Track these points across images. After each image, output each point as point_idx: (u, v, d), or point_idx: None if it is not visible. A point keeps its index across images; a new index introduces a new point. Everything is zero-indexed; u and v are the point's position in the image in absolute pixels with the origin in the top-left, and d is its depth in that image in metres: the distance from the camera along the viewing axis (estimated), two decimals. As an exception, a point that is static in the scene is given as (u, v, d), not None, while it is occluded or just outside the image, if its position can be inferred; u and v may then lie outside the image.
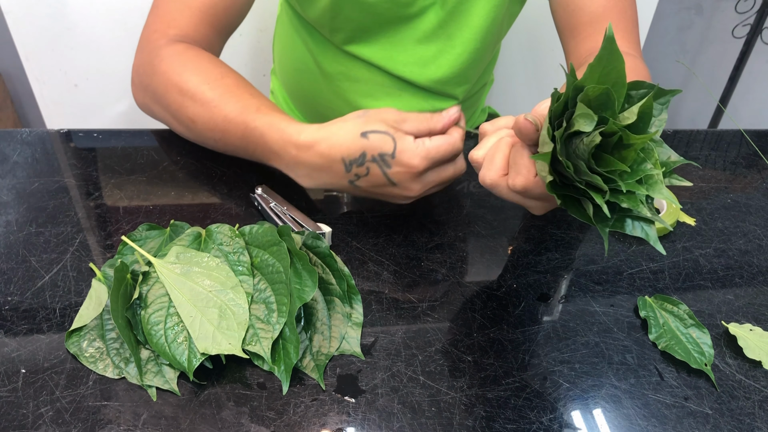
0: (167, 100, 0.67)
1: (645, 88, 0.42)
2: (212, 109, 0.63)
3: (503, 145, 0.49)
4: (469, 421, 0.45)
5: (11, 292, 0.53)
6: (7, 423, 0.43)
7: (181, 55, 0.67)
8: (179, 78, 0.65)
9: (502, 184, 0.49)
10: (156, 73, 0.68)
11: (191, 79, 0.65)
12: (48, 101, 1.24)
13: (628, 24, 0.76)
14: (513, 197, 0.49)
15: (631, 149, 0.40)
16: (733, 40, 1.69)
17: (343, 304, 0.52)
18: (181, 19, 0.70)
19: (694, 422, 0.46)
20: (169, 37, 0.70)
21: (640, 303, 0.55)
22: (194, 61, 0.67)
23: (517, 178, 0.47)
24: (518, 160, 0.47)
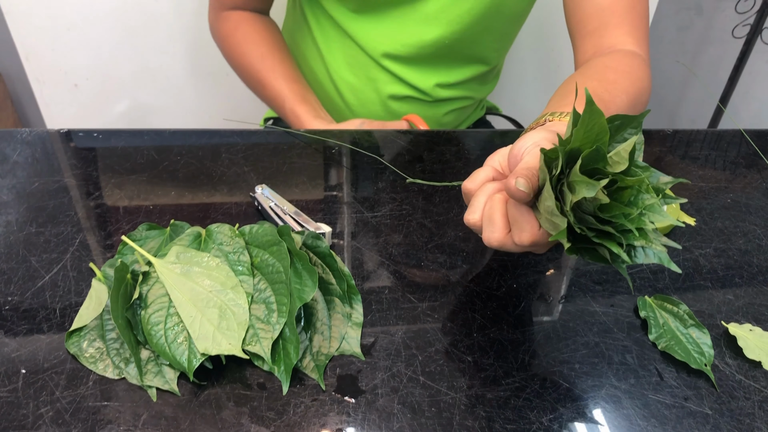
0: (229, 57, 0.94)
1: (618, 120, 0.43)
2: (261, 80, 0.90)
3: (497, 203, 0.48)
4: (469, 421, 0.45)
5: (11, 292, 0.53)
6: (7, 423, 0.43)
7: (243, 21, 0.91)
8: (238, 45, 0.91)
9: (509, 242, 0.47)
10: (220, 31, 0.93)
11: (248, 51, 0.90)
12: (48, 101, 1.24)
13: (636, 19, 0.76)
14: (521, 250, 0.49)
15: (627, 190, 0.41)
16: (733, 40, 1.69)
17: (343, 304, 0.52)
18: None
19: (694, 422, 0.46)
20: (230, 6, 0.92)
21: (640, 303, 0.55)
22: (252, 29, 0.91)
23: (522, 234, 0.45)
24: (519, 218, 0.46)
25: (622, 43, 0.74)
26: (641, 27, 0.76)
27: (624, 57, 0.72)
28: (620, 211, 0.41)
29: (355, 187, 0.67)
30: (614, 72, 0.69)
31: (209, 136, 0.73)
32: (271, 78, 0.88)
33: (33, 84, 1.21)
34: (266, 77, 0.88)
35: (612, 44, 0.75)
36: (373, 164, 0.71)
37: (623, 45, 0.74)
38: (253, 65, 0.89)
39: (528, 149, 0.47)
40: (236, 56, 0.91)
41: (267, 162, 0.70)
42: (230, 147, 0.72)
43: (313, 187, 0.67)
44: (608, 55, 0.73)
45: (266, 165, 0.69)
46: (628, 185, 0.41)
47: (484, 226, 0.48)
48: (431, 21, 0.82)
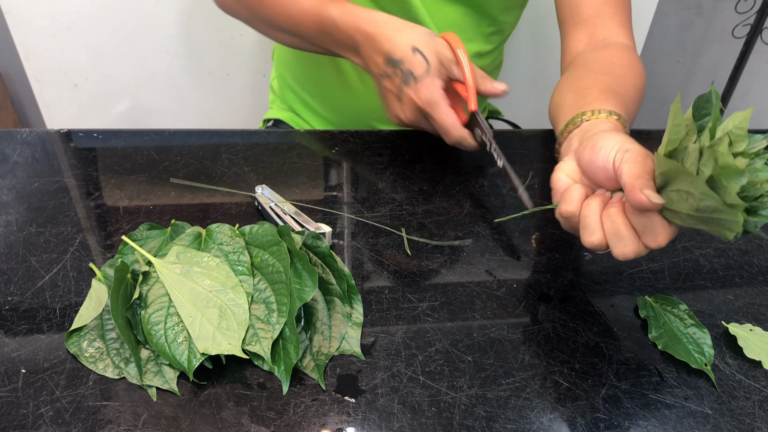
0: (248, 2, 0.77)
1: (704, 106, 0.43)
2: (288, 6, 0.73)
3: (618, 217, 0.47)
4: (469, 421, 0.45)
5: (11, 292, 0.53)
6: (7, 423, 0.43)
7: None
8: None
9: (642, 249, 0.47)
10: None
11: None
12: (48, 101, 1.24)
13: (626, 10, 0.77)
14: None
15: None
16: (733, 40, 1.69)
17: (343, 304, 0.52)
18: None
19: (694, 422, 0.46)
20: None
21: (640, 303, 0.55)
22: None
23: (659, 238, 0.46)
24: (648, 224, 0.46)
25: (616, 35, 0.75)
26: (629, 18, 0.77)
27: (623, 51, 0.72)
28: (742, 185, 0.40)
29: (355, 187, 0.67)
30: (620, 67, 0.69)
31: (209, 136, 0.73)
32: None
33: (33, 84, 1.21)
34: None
35: (606, 35, 0.75)
36: (373, 164, 0.71)
37: (616, 37, 0.75)
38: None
39: (620, 157, 0.47)
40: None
41: (267, 162, 0.70)
42: (230, 147, 0.72)
43: (313, 187, 0.67)
44: (607, 49, 0.73)
45: (266, 165, 0.69)
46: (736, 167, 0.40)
47: (612, 243, 0.48)
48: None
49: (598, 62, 0.70)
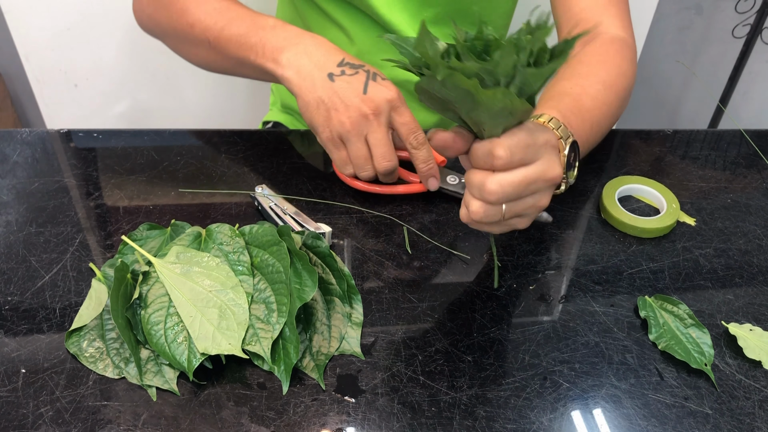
0: (170, 11, 0.71)
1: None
2: (217, 13, 0.67)
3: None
4: (469, 421, 0.45)
5: (11, 292, 0.53)
6: (7, 423, 0.43)
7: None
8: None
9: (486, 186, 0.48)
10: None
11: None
12: (48, 101, 1.24)
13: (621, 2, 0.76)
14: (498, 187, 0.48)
15: (500, 45, 0.41)
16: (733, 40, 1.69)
17: (343, 304, 0.52)
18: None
19: (694, 422, 0.46)
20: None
21: (640, 303, 0.55)
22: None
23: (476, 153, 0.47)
24: (477, 150, 0.47)
25: (607, 25, 0.74)
26: (625, 9, 0.77)
27: (602, 45, 0.72)
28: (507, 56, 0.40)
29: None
30: (587, 65, 0.69)
31: (209, 136, 0.73)
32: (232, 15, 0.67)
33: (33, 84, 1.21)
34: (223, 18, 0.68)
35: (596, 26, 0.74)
36: (373, 164, 0.71)
37: (608, 28, 0.74)
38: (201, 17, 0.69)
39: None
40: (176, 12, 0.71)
41: (267, 162, 0.70)
42: (230, 147, 0.72)
43: (313, 187, 0.67)
44: (586, 47, 0.72)
45: (266, 165, 0.69)
46: (488, 38, 0.42)
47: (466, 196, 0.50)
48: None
49: (567, 67, 0.70)
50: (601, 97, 0.66)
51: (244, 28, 0.65)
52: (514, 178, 0.46)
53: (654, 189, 0.67)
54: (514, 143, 0.45)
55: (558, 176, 0.48)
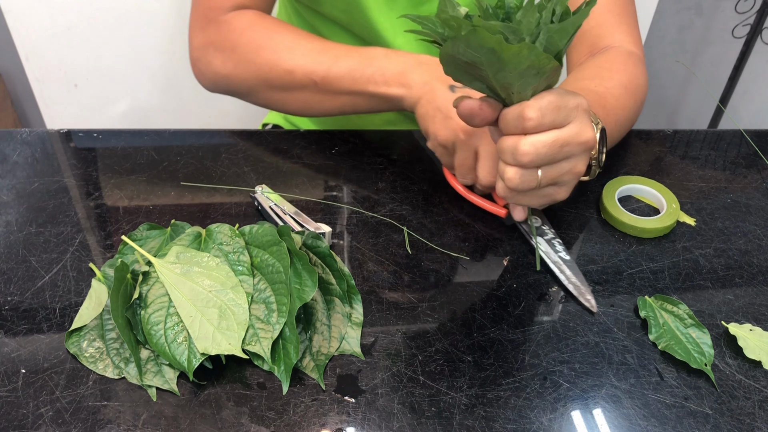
0: (258, 63, 0.69)
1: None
2: (316, 54, 0.67)
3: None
4: (469, 421, 0.45)
5: (11, 292, 0.53)
6: (7, 423, 0.43)
7: (258, 22, 0.70)
8: (270, 39, 0.69)
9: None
10: (239, 43, 0.70)
11: (286, 37, 0.68)
12: (48, 101, 1.24)
13: (630, 19, 0.76)
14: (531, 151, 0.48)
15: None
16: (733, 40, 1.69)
17: (343, 304, 0.52)
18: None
19: (694, 422, 0.46)
20: (230, 8, 0.72)
21: (640, 303, 0.55)
22: (275, 24, 0.71)
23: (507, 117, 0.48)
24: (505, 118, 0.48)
25: (619, 42, 0.74)
26: (634, 26, 0.76)
27: (619, 55, 0.72)
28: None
29: (355, 187, 0.67)
30: (608, 70, 0.69)
31: (209, 136, 0.73)
32: (334, 54, 0.67)
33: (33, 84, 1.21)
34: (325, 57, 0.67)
35: (608, 44, 0.75)
36: (373, 164, 0.71)
37: (620, 44, 0.74)
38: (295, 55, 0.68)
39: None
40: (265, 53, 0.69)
41: (267, 162, 0.70)
42: (230, 147, 0.72)
43: (313, 187, 0.67)
44: (602, 55, 0.73)
45: (266, 165, 0.69)
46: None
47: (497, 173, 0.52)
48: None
49: (587, 69, 0.70)
50: (623, 99, 0.66)
51: (354, 62, 0.65)
52: (547, 139, 0.47)
53: (654, 189, 0.67)
54: (544, 104, 0.46)
55: (591, 139, 0.48)
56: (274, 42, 0.68)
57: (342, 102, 0.68)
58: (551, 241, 0.60)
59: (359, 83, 0.65)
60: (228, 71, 0.72)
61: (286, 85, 0.69)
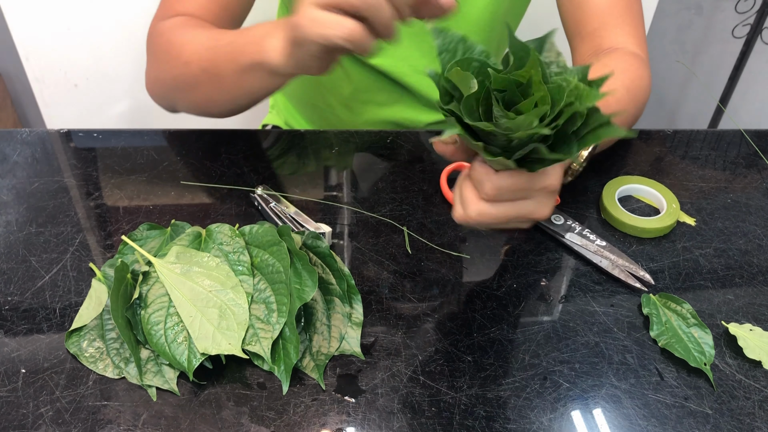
0: (166, 61, 0.66)
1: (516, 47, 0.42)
2: (203, 44, 0.63)
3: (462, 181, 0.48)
4: (469, 421, 0.45)
5: (11, 292, 0.53)
6: (7, 423, 0.43)
7: (181, 22, 0.68)
8: (179, 38, 0.66)
9: (479, 202, 0.47)
10: (156, 47, 0.68)
11: (186, 34, 0.65)
12: (48, 101, 1.24)
13: (634, 21, 0.76)
14: (495, 201, 0.47)
15: (540, 87, 0.40)
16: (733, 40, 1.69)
17: (343, 304, 0.52)
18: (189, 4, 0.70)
19: (694, 422, 0.46)
20: (170, 17, 0.70)
21: (644, 300, 0.55)
22: (193, 24, 0.67)
23: (485, 186, 0.45)
24: (482, 175, 0.46)
25: (623, 44, 0.74)
26: (639, 27, 0.76)
27: (623, 56, 0.72)
28: (535, 108, 0.39)
29: (355, 187, 0.67)
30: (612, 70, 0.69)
31: (209, 136, 0.73)
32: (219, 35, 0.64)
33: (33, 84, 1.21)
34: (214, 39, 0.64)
35: (612, 45, 0.75)
36: (372, 164, 0.71)
37: (624, 46, 0.74)
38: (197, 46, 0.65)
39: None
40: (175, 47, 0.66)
41: (267, 162, 0.70)
42: (230, 147, 0.72)
43: (313, 187, 0.67)
44: (607, 55, 0.73)
45: (266, 165, 0.69)
46: (526, 78, 0.40)
47: (456, 204, 0.49)
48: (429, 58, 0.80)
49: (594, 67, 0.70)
50: (624, 102, 0.66)
51: (230, 39, 0.61)
52: (495, 212, 0.46)
53: (654, 189, 0.67)
54: (504, 185, 0.45)
55: (544, 217, 0.48)
56: (184, 39, 0.66)
57: (231, 84, 0.63)
58: (582, 233, 0.61)
59: (237, 58, 0.60)
60: (155, 74, 0.71)
61: (188, 81, 0.66)
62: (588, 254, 0.59)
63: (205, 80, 0.65)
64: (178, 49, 0.65)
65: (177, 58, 0.66)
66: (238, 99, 0.66)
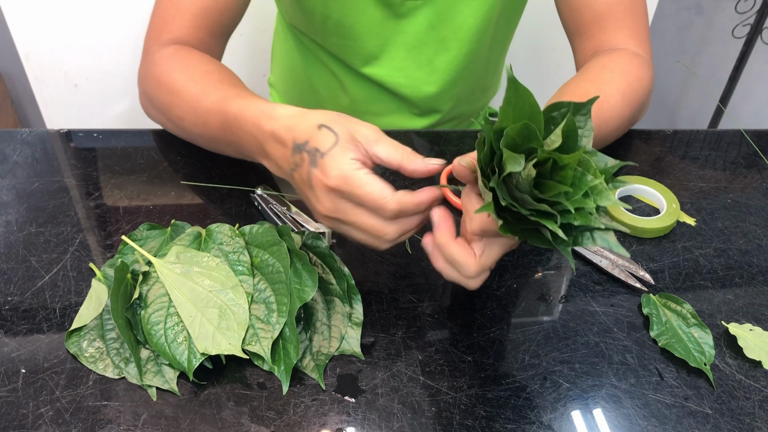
0: (159, 101, 0.67)
1: (564, 107, 0.42)
2: (195, 103, 0.62)
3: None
4: (469, 421, 0.45)
5: (11, 292, 0.53)
6: (7, 423, 0.43)
7: (171, 56, 0.68)
8: (168, 78, 0.66)
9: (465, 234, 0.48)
10: (149, 77, 0.69)
11: (178, 78, 0.65)
12: (48, 101, 1.24)
13: (636, 21, 0.75)
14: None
15: (568, 169, 0.41)
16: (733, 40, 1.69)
17: (343, 304, 0.52)
18: (174, 24, 0.71)
19: (694, 422, 0.46)
20: (162, 42, 0.70)
21: (644, 300, 0.55)
22: (183, 61, 0.67)
23: (472, 223, 0.45)
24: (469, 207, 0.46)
25: (624, 43, 0.74)
26: (641, 28, 0.76)
27: (623, 56, 0.72)
28: (558, 190, 0.40)
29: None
30: (610, 72, 0.69)
31: (209, 136, 0.73)
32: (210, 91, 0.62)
33: (33, 84, 1.21)
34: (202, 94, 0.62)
35: (613, 45, 0.75)
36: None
37: (625, 46, 0.74)
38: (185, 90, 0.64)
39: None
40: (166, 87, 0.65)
41: (267, 162, 0.70)
42: (230, 147, 0.72)
43: (313, 187, 0.67)
44: (607, 55, 0.72)
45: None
46: (565, 162, 0.41)
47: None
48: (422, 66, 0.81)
49: (589, 69, 0.70)
50: (618, 108, 0.66)
51: (235, 110, 0.57)
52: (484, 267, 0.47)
53: (654, 189, 0.67)
54: (487, 265, 0.47)
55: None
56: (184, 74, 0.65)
57: (231, 152, 0.64)
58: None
59: (238, 147, 0.59)
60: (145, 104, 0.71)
61: (185, 136, 0.67)
62: (588, 254, 0.60)
63: (197, 137, 0.66)
64: (170, 98, 0.65)
65: (170, 106, 0.65)
66: (235, 156, 0.66)
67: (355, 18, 0.76)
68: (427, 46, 0.80)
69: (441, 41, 0.79)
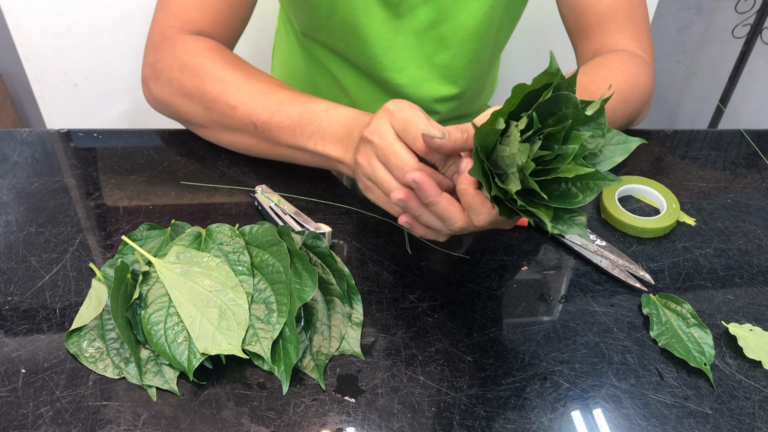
0: (203, 91, 0.65)
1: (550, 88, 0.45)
2: (264, 90, 0.64)
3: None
4: (469, 421, 0.45)
5: (11, 292, 0.53)
6: (7, 423, 0.43)
7: (213, 50, 0.68)
8: (220, 70, 0.66)
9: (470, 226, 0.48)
10: (187, 66, 0.67)
11: (236, 72, 0.66)
12: (48, 101, 1.24)
13: (637, 24, 0.76)
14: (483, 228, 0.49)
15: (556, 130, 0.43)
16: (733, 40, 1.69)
17: (343, 304, 0.52)
18: (196, 15, 0.70)
19: (694, 422, 0.46)
20: (185, 30, 0.70)
21: (644, 300, 0.55)
22: (229, 57, 0.68)
23: (479, 218, 0.46)
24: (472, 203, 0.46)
25: (625, 44, 0.74)
26: (643, 31, 0.76)
27: (621, 55, 0.72)
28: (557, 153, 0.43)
29: (356, 187, 0.67)
30: (607, 69, 0.69)
31: (209, 136, 0.73)
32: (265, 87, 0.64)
33: (33, 84, 1.21)
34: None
35: (614, 46, 0.75)
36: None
37: (625, 46, 0.74)
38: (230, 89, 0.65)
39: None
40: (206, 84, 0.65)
41: (267, 162, 0.70)
42: (230, 147, 0.72)
43: (313, 187, 0.67)
44: (606, 55, 0.73)
45: (266, 165, 0.69)
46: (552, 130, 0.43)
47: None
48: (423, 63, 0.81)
49: (587, 66, 0.70)
50: (612, 105, 0.66)
51: (295, 115, 0.62)
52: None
53: (654, 189, 0.67)
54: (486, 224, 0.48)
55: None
56: (224, 73, 0.65)
57: (281, 152, 0.65)
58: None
59: (298, 139, 0.62)
60: (172, 94, 0.69)
61: (227, 121, 0.66)
62: (588, 254, 0.60)
63: (250, 135, 0.66)
64: (221, 86, 0.65)
65: (219, 95, 0.65)
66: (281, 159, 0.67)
67: (360, 17, 0.76)
68: (428, 46, 0.80)
69: (442, 41, 0.79)
